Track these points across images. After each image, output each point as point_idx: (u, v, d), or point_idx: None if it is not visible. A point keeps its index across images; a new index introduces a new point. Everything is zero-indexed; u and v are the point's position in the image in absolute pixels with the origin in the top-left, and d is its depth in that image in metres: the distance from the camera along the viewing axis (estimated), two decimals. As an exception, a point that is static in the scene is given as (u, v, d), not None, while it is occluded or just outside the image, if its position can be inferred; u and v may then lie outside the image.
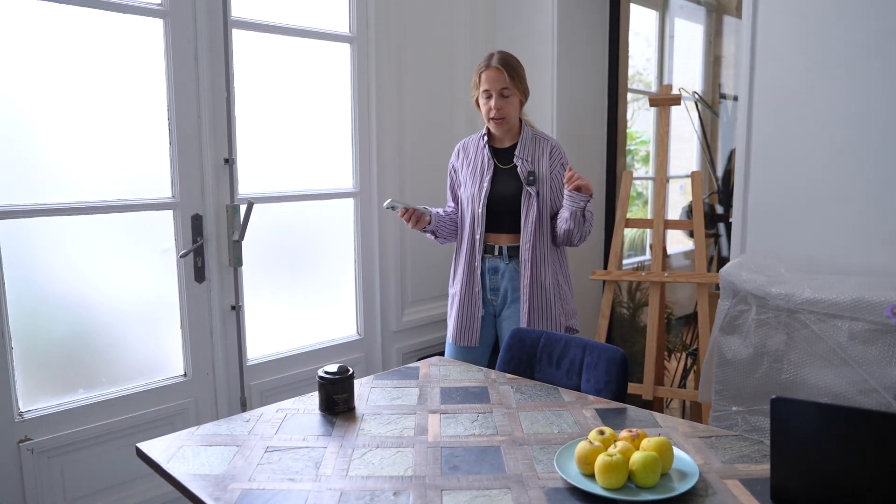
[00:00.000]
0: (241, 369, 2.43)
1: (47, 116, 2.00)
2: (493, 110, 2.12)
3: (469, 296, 2.21)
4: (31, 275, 1.99)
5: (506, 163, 2.20)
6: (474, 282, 2.19)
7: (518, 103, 2.17)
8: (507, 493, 1.18)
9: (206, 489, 1.21)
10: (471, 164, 2.24)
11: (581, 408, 1.57)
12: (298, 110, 2.58)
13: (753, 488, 1.18)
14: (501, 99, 2.11)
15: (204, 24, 2.22)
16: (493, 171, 2.19)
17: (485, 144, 2.22)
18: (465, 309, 2.22)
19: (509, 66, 2.12)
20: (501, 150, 2.22)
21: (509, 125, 2.17)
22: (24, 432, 1.96)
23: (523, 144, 2.19)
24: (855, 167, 2.12)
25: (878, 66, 2.06)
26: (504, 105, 2.12)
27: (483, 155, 2.21)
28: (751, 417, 2.11)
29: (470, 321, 2.22)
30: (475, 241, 2.19)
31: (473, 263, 2.19)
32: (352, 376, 1.58)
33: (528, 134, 2.21)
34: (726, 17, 4.47)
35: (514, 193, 2.16)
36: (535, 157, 2.18)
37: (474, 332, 2.22)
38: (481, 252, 2.19)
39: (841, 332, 1.91)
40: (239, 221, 2.34)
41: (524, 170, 2.16)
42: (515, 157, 2.18)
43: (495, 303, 2.23)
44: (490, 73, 2.11)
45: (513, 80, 2.12)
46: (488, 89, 2.12)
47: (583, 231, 2.14)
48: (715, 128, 4.15)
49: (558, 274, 2.23)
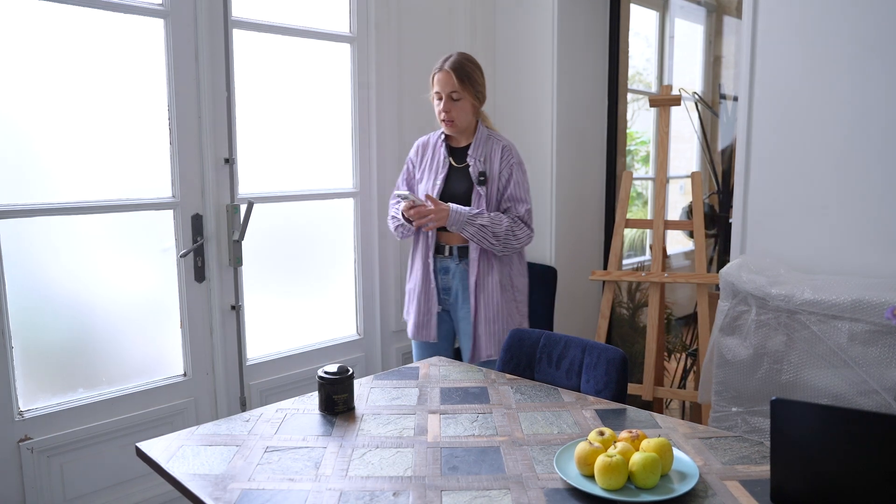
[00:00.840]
0: (240, 369, 2.43)
1: (48, 116, 2.00)
2: (442, 113, 2.15)
3: (425, 292, 2.23)
4: (31, 274, 1.99)
5: (460, 162, 2.21)
6: (429, 279, 2.21)
7: (470, 107, 2.16)
8: (507, 494, 1.18)
9: (206, 489, 1.21)
10: (428, 162, 2.26)
11: (581, 408, 1.57)
12: (299, 110, 2.58)
13: (753, 489, 1.18)
14: (450, 102, 2.13)
15: (204, 24, 2.22)
16: (447, 169, 2.21)
17: (442, 143, 2.24)
18: (423, 305, 2.24)
19: (461, 71, 2.12)
20: (457, 149, 2.24)
21: (459, 127, 2.18)
22: (24, 431, 1.96)
23: (477, 144, 2.20)
24: (855, 168, 2.12)
25: (878, 66, 2.06)
26: (453, 108, 2.13)
27: (440, 153, 2.23)
28: (751, 418, 2.11)
29: (427, 316, 2.24)
30: (428, 239, 2.22)
31: (427, 260, 2.22)
32: (351, 376, 1.58)
33: (483, 134, 2.21)
34: (726, 17, 4.47)
35: (465, 193, 2.18)
36: (487, 157, 2.18)
37: (431, 327, 2.24)
38: (433, 250, 2.21)
39: (841, 334, 1.91)
40: (239, 221, 2.34)
41: (476, 170, 2.17)
42: (469, 156, 2.19)
43: (448, 302, 2.26)
44: (441, 77, 2.13)
45: (462, 83, 2.11)
46: (439, 91, 2.14)
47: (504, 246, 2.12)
48: (715, 128, 4.15)
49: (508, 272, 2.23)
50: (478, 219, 2.10)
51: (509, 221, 2.13)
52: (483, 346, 2.20)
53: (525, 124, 3.05)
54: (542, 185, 3.02)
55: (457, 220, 2.09)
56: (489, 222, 2.10)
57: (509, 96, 3.10)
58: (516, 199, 2.18)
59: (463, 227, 2.09)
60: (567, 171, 3.04)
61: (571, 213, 3.09)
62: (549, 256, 3.02)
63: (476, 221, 2.09)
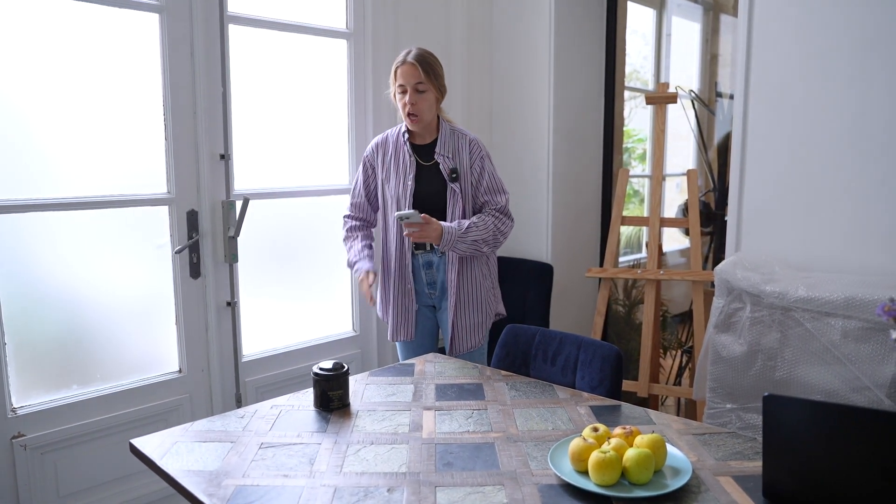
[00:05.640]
0: (236, 365, 2.43)
1: (42, 111, 1.99)
2: (408, 105, 2.08)
3: (402, 292, 2.19)
4: (24, 270, 1.99)
5: (427, 160, 2.16)
6: (406, 279, 2.17)
7: (434, 100, 2.13)
8: (501, 490, 1.18)
9: (200, 485, 1.21)
10: (392, 163, 2.19)
11: (575, 405, 1.57)
12: (295, 106, 2.57)
13: (746, 485, 1.18)
14: (416, 94, 2.08)
15: (200, 19, 2.21)
16: (415, 169, 2.15)
17: (405, 142, 2.17)
18: (400, 305, 2.20)
19: (425, 63, 2.10)
20: (421, 147, 2.18)
21: (423, 122, 2.13)
22: (18, 428, 1.96)
23: (443, 141, 2.15)
24: (850, 166, 2.13)
25: (873, 64, 2.06)
26: (418, 101, 2.09)
27: (404, 152, 2.17)
28: (745, 415, 2.12)
29: (405, 316, 2.21)
30: (404, 240, 2.16)
31: (404, 261, 2.17)
32: (347, 373, 1.58)
33: (447, 130, 2.18)
34: (723, 15, 4.48)
35: (439, 191, 2.14)
36: (455, 152, 2.15)
37: (410, 325, 2.21)
38: (411, 249, 2.17)
39: (834, 330, 1.92)
40: (234, 217, 2.33)
41: (446, 167, 2.13)
42: (436, 154, 2.15)
43: (434, 296, 2.23)
44: (405, 69, 2.09)
45: (427, 76, 2.09)
46: (403, 84, 2.09)
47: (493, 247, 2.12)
48: (711, 126, 4.15)
49: (485, 264, 2.22)
50: (469, 234, 2.06)
51: (493, 221, 2.11)
52: (466, 336, 2.18)
53: (522, 121, 3.05)
54: (538, 182, 3.02)
55: (448, 241, 2.04)
56: (478, 235, 2.07)
57: (506, 93, 3.10)
58: (494, 191, 2.14)
59: (455, 246, 2.06)
60: (564, 168, 3.04)
61: (568, 210, 3.09)
62: (546, 253, 3.02)
63: (467, 238, 2.06)
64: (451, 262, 2.15)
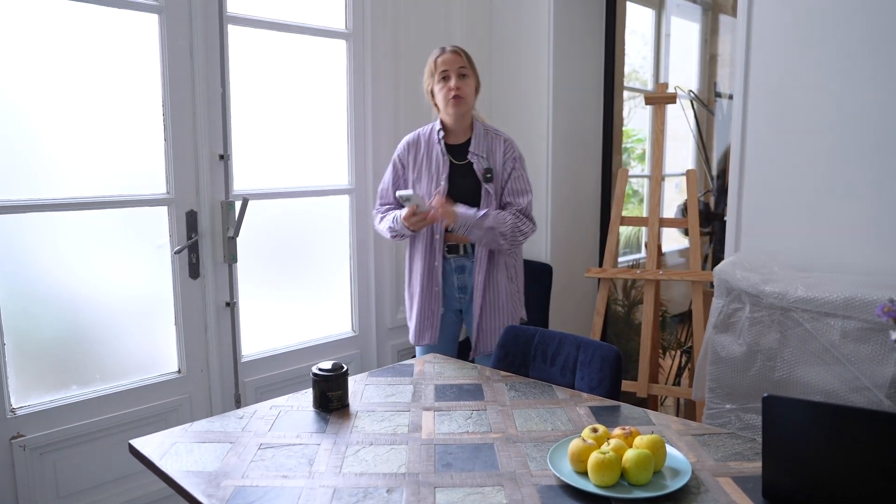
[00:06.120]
0: (235, 366, 2.42)
1: (41, 111, 1.98)
2: (453, 90, 2.08)
3: (429, 295, 2.18)
4: (23, 270, 1.98)
5: (460, 159, 2.16)
6: (434, 281, 2.16)
7: (474, 88, 2.15)
8: (501, 491, 1.18)
9: (199, 486, 1.21)
10: (424, 162, 2.18)
11: (575, 405, 1.57)
12: (294, 107, 2.57)
13: (745, 486, 1.18)
14: (460, 79, 2.10)
15: (199, 19, 2.21)
16: (448, 168, 2.14)
17: (439, 140, 2.16)
18: (426, 308, 2.19)
19: (465, 52, 2.16)
20: (455, 147, 2.17)
21: (468, 106, 2.13)
22: (17, 429, 1.96)
23: (477, 140, 2.15)
24: (849, 166, 2.13)
25: (872, 64, 2.06)
26: (462, 84, 2.10)
27: (437, 151, 2.16)
28: (744, 415, 2.12)
29: (430, 319, 2.20)
30: (434, 241, 2.14)
31: (433, 263, 2.15)
32: (346, 373, 1.58)
33: (481, 129, 2.17)
34: (722, 15, 4.48)
35: (472, 191, 2.13)
36: (489, 152, 2.14)
37: (434, 329, 2.20)
38: (442, 251, 2.16)
39: (834, 331, 1.92)
40: (234, 218, 2.33)
41: (480, 167, 2.12)
42: (470, 153, 2.14)
43: (463, 300, 2.22)
44: (447, 57, 2.12)
45: (469, 62, 2.14)
46: (446, 70, 2.10)
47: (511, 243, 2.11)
48: (710, 126, 4.16)
49: (512, 268, 2.22)
50: (484, 221, 2.05)
51: (512, 218, 2.10)
52: (491, 339, 2.18)
53: (521, 122, 3.04)
54: (538, 183, 3.01)
55: (464, 223, 2.04)
56: (494, 222, 2.06)
57: (505, 93, 3.10)
58: (517, 192, 2.14)
59: (470, 231, 2.05)
60: (563, 168, 3.04)
61: (567, 211, 3.09)
62: (545, 253, 3.02)
63: (483, 224, 2.05)
64: (479, 264, 2.14)
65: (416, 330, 2.23)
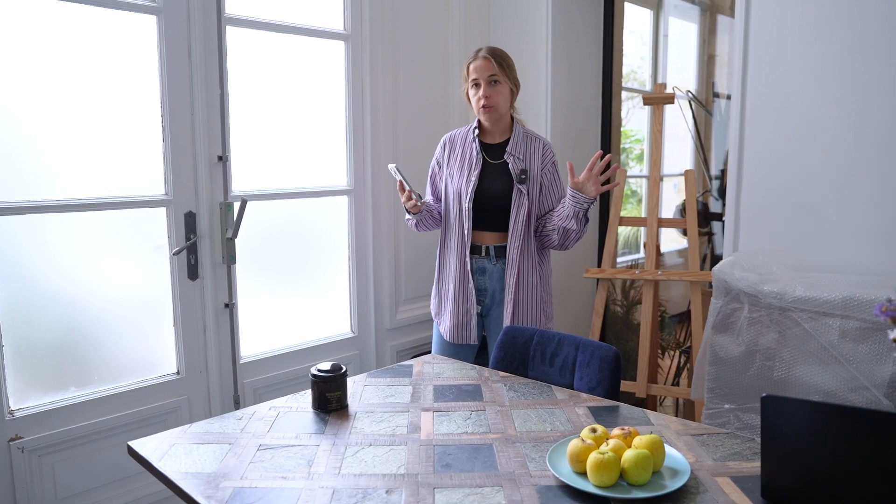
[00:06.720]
0: (234, 367, 2.42)
1: (40, 113, 1.98)
2: (483, 98, 2.10)
3: (463, 293, 2.18)
4: (22, 272, 1.98)
5: (495, 158, 2.17)
6: (467, 279, 2.17)
7: (508, 93, 2.15)
8: (500, 491, 1.18)
9: (198, 487, 1.21)
10: (458, 159, 2.20)
11: (574, 406, 1.57)
12: (292, 108, 2.57)
13: (744, 486, 1.18)
14: (490, 87, 2.10)
15: (197, 20, 2.21)
16: (481, 166, 2.16)
17: (474, 138, 2.19)
18: (461, 306, 2.19)
19: (497, 56, 2.13)
20: (491, 146, 2.19)
21: (499, 114, 2.14)
22: (15, 430, 1.95)
23: (515, 142, 2.16)
24: (847, 166, 2.13)
25: (870, 64, 2.06)
26: (493, 93, 2.10)
27: (472, 149, 2.18)
28: (743, 415, 2.12)
29: (467, 318, 2.19)
30: (464, 238, 2.16)
31: (465, 259, 2.16)
32: (345, 374, 1.58)
33: (520, 131, 2.19)
34: (720, 16, 4.48)
35: (503, 190, 2.14)
36: (526, 155, 2.15)
37: (471, 328, 2.20)
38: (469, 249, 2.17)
39: (832, 330, 1.92)
40: (232, 219, 2.33)
41: (516, 167, 2.13)
42: (506, 153, 2.15)
43: (483, 302, 2.22)
44: (478, 63, 2.12)
45: (501, 68, 2.11)
46: (476, 78, 2.11)
47: (581, 232, 2.12)
48: (709, 126, 4.16)
49: (542, 275, 2.22)
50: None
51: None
52: None
53: (519, 122, 3.04)
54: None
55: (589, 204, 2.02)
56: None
57: (503, 94, 3.09)
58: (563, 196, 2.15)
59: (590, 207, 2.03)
60: (562, 168, 3.03)
61: (565, 211, 3.09)
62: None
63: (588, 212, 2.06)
64: (510, 266, 2.14)
65: (453, 326, 2.21)
